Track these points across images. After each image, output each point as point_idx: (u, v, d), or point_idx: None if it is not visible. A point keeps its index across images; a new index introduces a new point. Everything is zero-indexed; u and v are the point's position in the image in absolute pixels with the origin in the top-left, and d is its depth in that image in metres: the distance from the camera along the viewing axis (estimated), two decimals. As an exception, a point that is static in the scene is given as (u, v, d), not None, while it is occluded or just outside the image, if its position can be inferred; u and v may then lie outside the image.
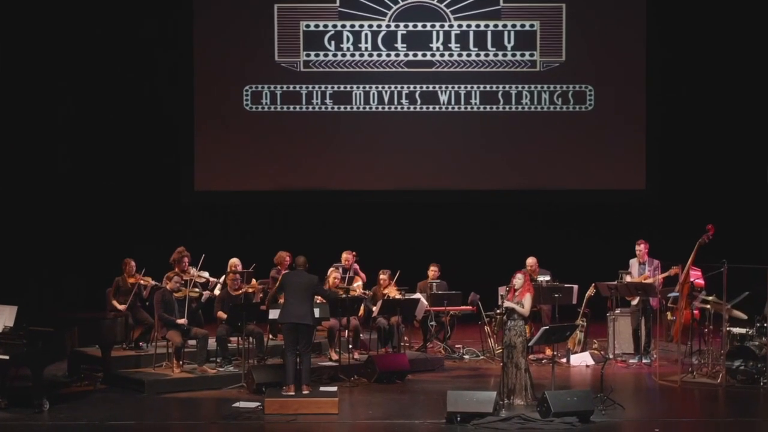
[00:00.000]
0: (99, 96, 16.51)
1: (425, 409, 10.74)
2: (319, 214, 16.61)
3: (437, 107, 16.70)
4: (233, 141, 16.62)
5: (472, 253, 16.22)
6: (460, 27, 16.61)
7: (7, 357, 10.54)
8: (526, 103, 16.71)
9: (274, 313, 11.43)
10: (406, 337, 13.58)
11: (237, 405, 10.76)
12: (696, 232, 12.48)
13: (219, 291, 12.87)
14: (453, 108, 16.69)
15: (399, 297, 13.11)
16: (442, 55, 16.64)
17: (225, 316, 12.26)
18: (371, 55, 16.63)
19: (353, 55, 16.62)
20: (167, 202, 16.58)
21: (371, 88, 16.65)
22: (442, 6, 16.61)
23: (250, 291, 12.71)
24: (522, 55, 16.65)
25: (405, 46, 16.61)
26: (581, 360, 13.16)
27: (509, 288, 11.03)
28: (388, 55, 16.62)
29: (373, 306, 13.04)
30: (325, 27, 16.60)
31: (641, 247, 13.35)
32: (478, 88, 16.67)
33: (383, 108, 16.68)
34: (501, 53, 16.63)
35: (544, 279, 13.39)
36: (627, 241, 13.67)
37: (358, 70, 16.61)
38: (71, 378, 12.04)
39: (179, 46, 16.60)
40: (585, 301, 13.39)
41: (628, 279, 13.31)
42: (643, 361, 13.11)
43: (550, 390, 10.49)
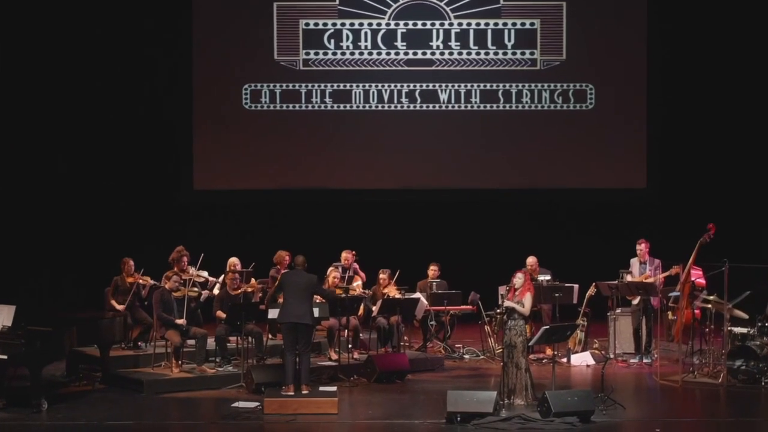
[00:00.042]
0: (98, 95, 16.48)
1: (425, 409, 10.72)
2: (319, 213, 16.59)
3: (437, 106, 16.67)
4: (232, 140, 16.60)
5: (472, 253, 16.20)
6: (460, 25, 16.58)
7: (6, 357, 10.53)
8: (526, 102, 16.68)
9: (273, 313, 11.40)
10: (405, 337, 13.57)
11: (236, 405, 10.74)
12: (697, 231, 12.46)
13: (218, 290, 12.85)
14: (453, 107, 16.67)
15: (399, 296, 13.09)
16: (442, 54, 16.61)
17: (224, 315, 12.24)
18: (371, 54, 16.60)
19: (353, 54, 16.59)
20: (166, 201, 16.56)
21: (371, 86, 16.63)
22: (442, 4, 16.58)
23: (249, 290, 12.68)
24: (522, 54, 16.62)
25: (405, 44, 16.58)
26: (582, 360, 13.14)
27: (509, 287, 11.00)
28: (387, 54, 16.60)
29: (373, 305, 13.02)
30: (325, 25, 16.57)
31: (642, 247, 13.33)
32: (478, 86, 16.65)
33: (383, 107, 16.66)
34: (501, 52, 16.61)
35: (544, 278, 13.37)
36: (628, 241, 13.64)
37: (357, 68, 16.59)
38: (70, 378, 12.02)
39: (178, 44, 16.57)
40: (585, 301, 13.36)
41: (628, 278, 13.29)
42: (644, 361, 13.08)
43: (550, 390, 10.48)
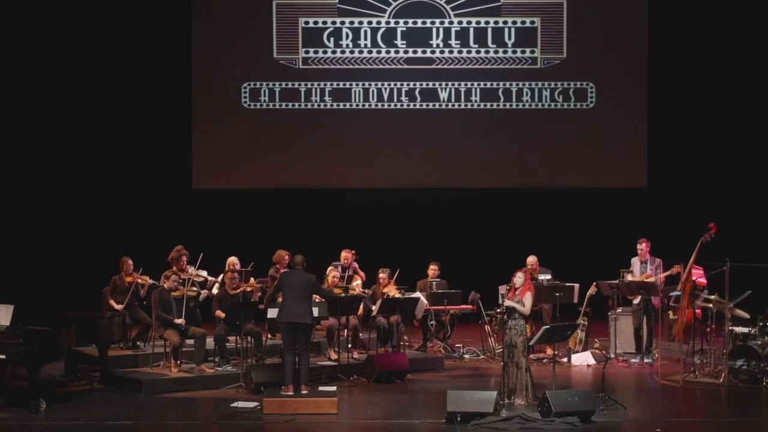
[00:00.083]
0: (97, 94, 16.47)
1: (425, 409, 10.70)
2: (318, 212, 16.57)
3: (437, 104, 16.64)
4: (231, 139, 16.57)
5: (472, 252, 16.18)
6: (460, 23, 16.54)
7: (4, 356, 10.51)
8: (526, 101, 16.65)
9: (272, 312, 11.37)
10: (405, 337, 13.54)
11: (235, 405, 10.71)
12: (698, 230, 12.44)
13: (217, 290, 12.82)
14: (453, 105, 16.64)
15: (398, 296, 13.07)
16: (442, 52, 16.58)
17: (223, 315, 12.21)
18: (370, 52, 16.56)
19: (352, 52, 16.56)
20: (165, 200, 16.55)
21: (371, 85, 16.60)
22: (442, 2, 16.54)
23: (248, 290, 12.66)
24: (523, 52, 16.58)
25: (405, 42, 16.55)
26: (582, 359, 13.11)
27: (510, 287, 10.98)
28: (387, 52, 16.56)
29: (373, 305, 12.99)
30: (324, 24, 16.53)
31: (643, 246, 13.30)
32: (478, 85, 16.62)
33: (383, 105, 16.63)
34: (501, 50, 16.57)
35: (544, 278, 13.35)
36: (628, 240, 13.62)
37: (357, 67, 16.55)
38: (68, 378, 11.99)
39: (178, 43, 16.55)
40: (586, 300, 13.34)
41: (629, 278, 13.27)
42: (645, 361, 13.06)
43: (551, 390, 10.46)
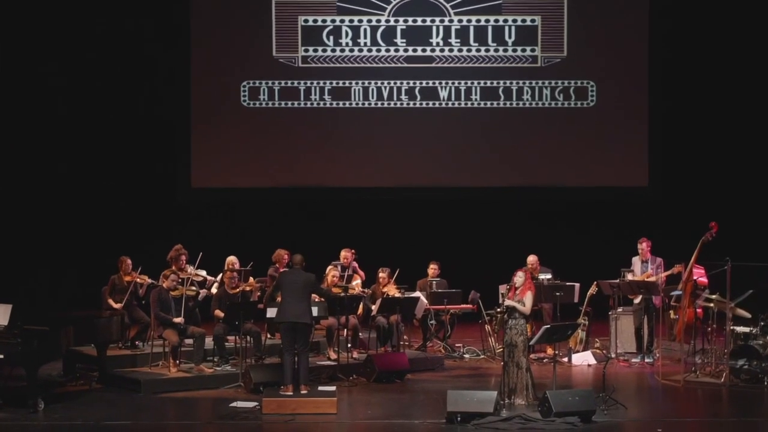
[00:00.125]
0: (96, 93, 16.45)
1: (425, 409, 10.67)
2: (318, 211, 16.55)
3: (437, 103, 16.61)
4: (230, 137, 16.54)
5: (472, 251, 16.17)
6: (460, 22, 16.51)
7: (2, 356, 10.50)
8: (527, 99, 16.62)
9: (271, 312, 11.34)
10: (405, 336, 13.52)
11: (234, 405, 10.70)
12: (699, 229, 12.41)
13: (216, 289, 12.79)
14: (453, 104, 16.61)
15: (398, 295, 13.04)
16: (442, 51, 16.54)
17: (222, 314, 12.19)
18: (370, 51, 16.53)
19: (352, 51, 16.52)
20: (164, 199, 16.54)
21: (370, 83, 16.56)
22: (442, 1, 16.50)
23: (247, 289, 12.64)
24: (523, 51, 16.55)
25: (404, 41, 16.52)
26: (583, 359, 13.09)
27: (510, 286, 10.96)
28: (387, 51, 16.53)
29: (372, 304, 12.96)
30: (324, 22, 16.50)
31: (643, 245, 13.29)
32: (478, 83, 16.58)
33: (382, 104, 16.60)
34: (502, 48, 16.54)
35: (545, 277, 13.33)
36: (629, 239, 13.60)
37: (357, 65, 16.52)
38: (66, 377, 11.98)
39: (176, 41, 16.52)
40: (587, 300, 13.32)
41: (630, 277, 13.24)
42: (646, 361, 13.04)
43: (551, 389, 10.43)
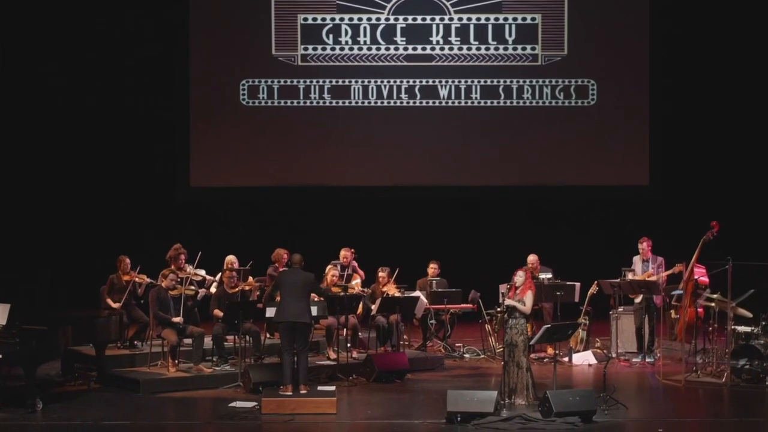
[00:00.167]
0: (94, 91, 16.43)
1: (425, 409, 10.65)
2: (317, 210, 16.54)
3: (437, 102, 16.58)
4: (230, 136, 16.52)
5: (472, 250, 16.17)
6: (460, 20, 16.48)
7: (0, 356, 10.44)
8: (527, 98, 16.60)
9: (271, 312, 11.32)
10: (405, 336, 13.51)
11: (233, 405, 10.67)
12: (700, 228, 12.38)
13: (215, 289, 12.77)
14: (453, 103, 16.59)
15: (398, 295, 13.02)
16: (442, 49, 16.52)
17: (221, 314, 12.16)
18: (370, 49, 16.50)
19: (351, 49, 16.50)
20: (163, 198, 16.52)
21: (370, 82, 16.54)
22: (441, -1, 16.51)
23: (246, 289, 12.62)
24: (523, 49, 16.52)
25: (404, 39, 16.50)
26: (583, 359, 13.06)
27: (510, 285, 10.93)
28: (387, 49, 16.50)
29: (372, 304, 12.94)
30: (323, 20, 16.47)
31: (644, 245, 13.27)
32: (478, 82, 16.56)
33: (382, 103, 16.58)
34: (502, 47, 16.51)
35: (545, 276, 13.32)
36: (630, 238, 13.58)
37: (356, 64, 16.50)
38: (65, 377, 11.96)
39: (175, 40, 16.50)
40: (587, 299, 13.31)
41: (631, 276, 13.21)
42: (647, 360, 13.01)
43: (551, 389, 10.40)
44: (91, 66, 16.34)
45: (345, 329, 12.51)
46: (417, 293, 13.29)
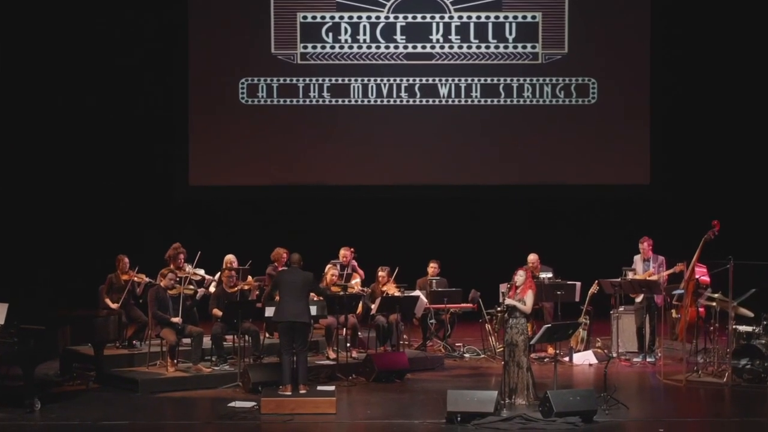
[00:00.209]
0: (93, 90, 16.42)
1: (425, 409, 10.62)
2: (317, 209, 16.51)
3: (437, 100, 16.56)
4: (229, 135, 16.50)
5: (472, 250, 16.15)
6: (460, 18, 16.46)
7: (-2, 356, 10.42)
8: (527, 97, 16.57)
9: (270, 311, 11.29)
10: (405, 336, 13.49)
11: (233, 405, 10.65)
12: (701, 228, 12.37)
13: (214, 288, 12.73)
14: (453, 101, 16.57)
15: (398, 294, 13.00)
16: (442, 48, 16.49)
17: (220, 313, 12.14)
18: (369, 48, 16.48)
19: (351, 48, 16.47)
20: (162, 197, 16.51)
21: (370, 81, 16.51)
22: (441, -3, 16.49)
23: (246, 288, 12.59)
24: (524, 48, 16.49)
25: (404, 38, 16.48)
26: (584, 359, 13.03)
27: (510, 285, 10.90)
28: (386, 48, 16.48)
29: (372, 303, 12.91)
30: (323, 18, 16.44)
31: (645, 244, 13.24)
32: (478, 81, 16.54)
33: (382, 101, 16.56)
34: (502, 45, 16.49)
35: (546, 276, 13.29)
36: (630, 238, 13.54)
37: (356, 62, 16.48)
38: (63, 377, 11.94)
39: (174, 38, 16.48)
40: (588, 299, 13.29)
41: (631, 276, 13.18)
42: (648, 360, 12.98)
43: (552, 389, 10.38)
44: (91, 65, 16.32)
45: (344, 329, 12.49)
46: (417, 293, 13.26)
